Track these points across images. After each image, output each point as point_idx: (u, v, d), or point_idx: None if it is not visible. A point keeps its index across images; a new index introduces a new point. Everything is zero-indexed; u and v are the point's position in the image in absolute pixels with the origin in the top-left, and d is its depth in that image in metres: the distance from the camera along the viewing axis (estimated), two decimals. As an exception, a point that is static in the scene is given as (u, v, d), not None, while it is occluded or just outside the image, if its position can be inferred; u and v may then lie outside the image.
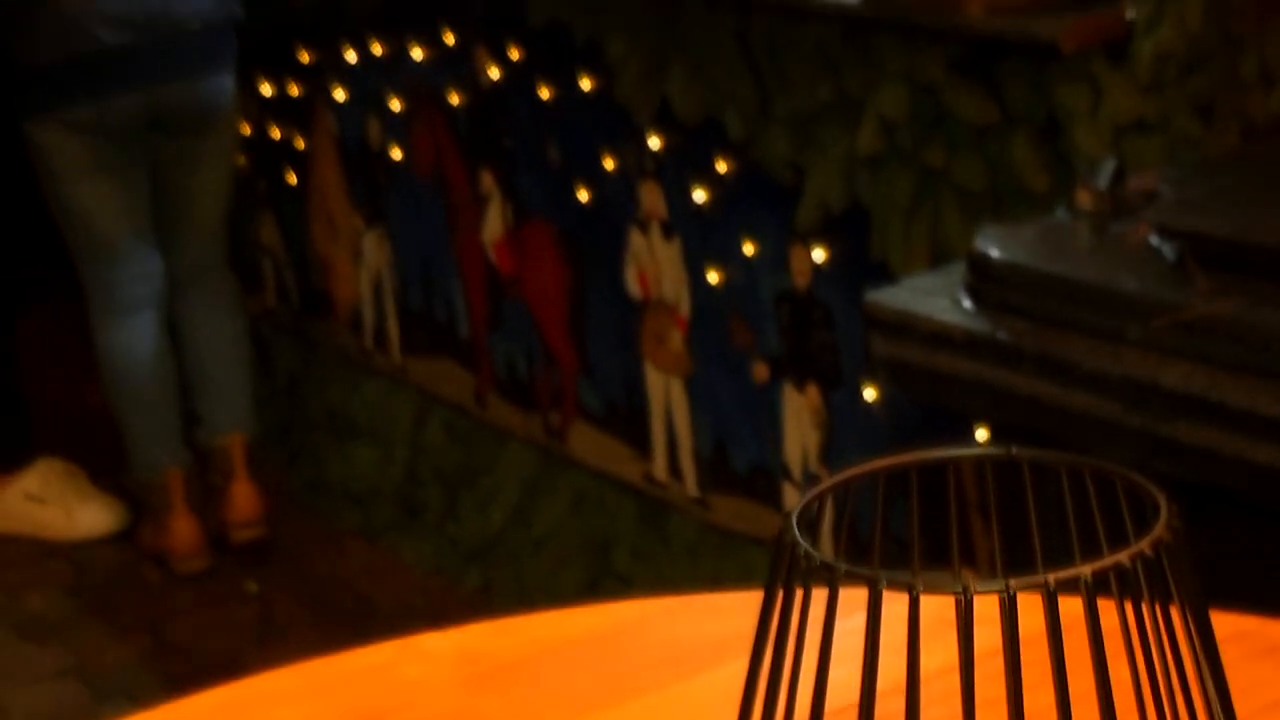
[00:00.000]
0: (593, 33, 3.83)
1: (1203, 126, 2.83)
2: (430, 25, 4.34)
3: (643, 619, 1.48)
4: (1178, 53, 2.80)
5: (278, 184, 5.11)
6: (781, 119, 3.45)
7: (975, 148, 3.08)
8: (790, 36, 3.40)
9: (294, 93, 4.93)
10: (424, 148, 4.52)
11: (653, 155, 3.80)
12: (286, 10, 4.79)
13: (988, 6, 3.00)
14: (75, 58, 4.16)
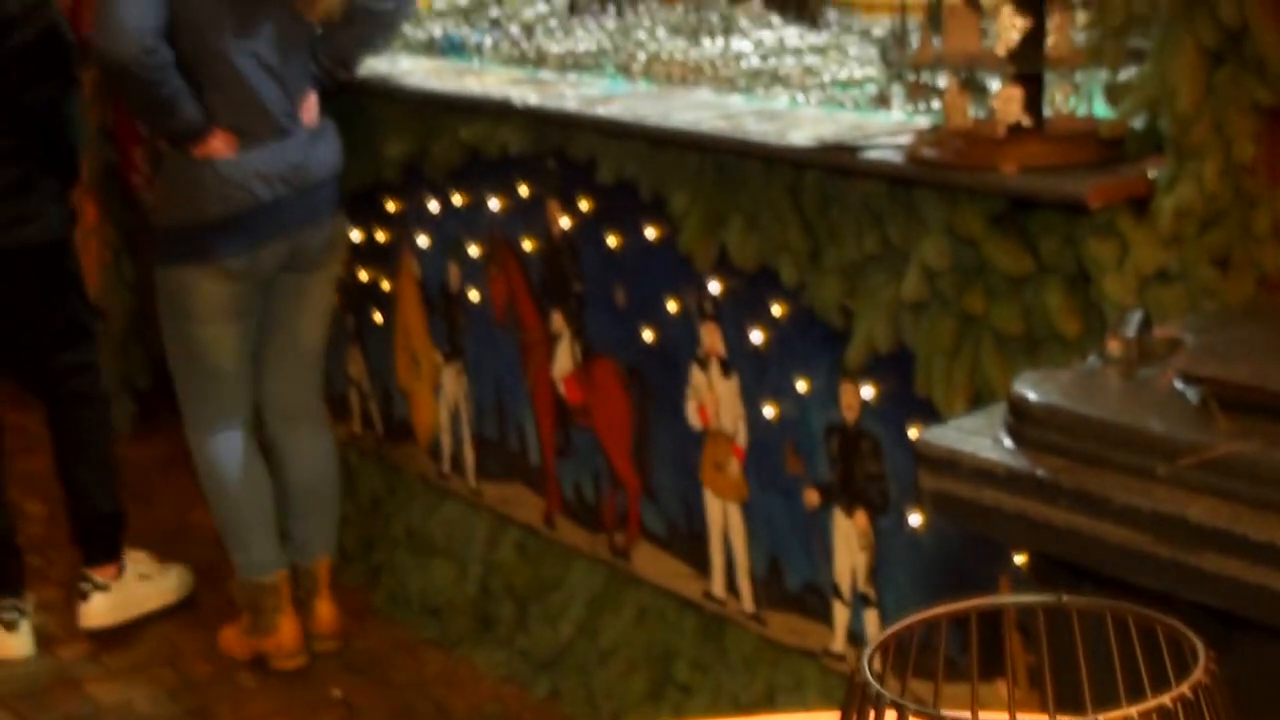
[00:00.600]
0: (658, 188, 3.86)
1: (1220, 277, 2.83)
2: (507, 179, 4.37)
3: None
4: (1196, 210, 2.81)
5: (365, 322, 5.13)
6: (831, 267, 3.47)
7: (1012, 295, 3.10)
8: (839, 192, 3.43)
9: (381, 239, 4.95)
10: (499, 290, 4.54)
11: (712, 299, 3.82)
12: (376, 165, 4.83)
13: (1021, 166, 3.04)
14: (234, 212, 4.24)
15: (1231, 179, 2.81)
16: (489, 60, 4.80)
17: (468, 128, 4.41)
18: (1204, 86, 2.80)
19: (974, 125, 3.14)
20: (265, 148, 4.25)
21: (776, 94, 3.97)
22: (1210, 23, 2.77)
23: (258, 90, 4.23)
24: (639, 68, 4.33)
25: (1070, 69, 3.12)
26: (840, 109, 3.76)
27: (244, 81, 4.20)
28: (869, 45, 4.25)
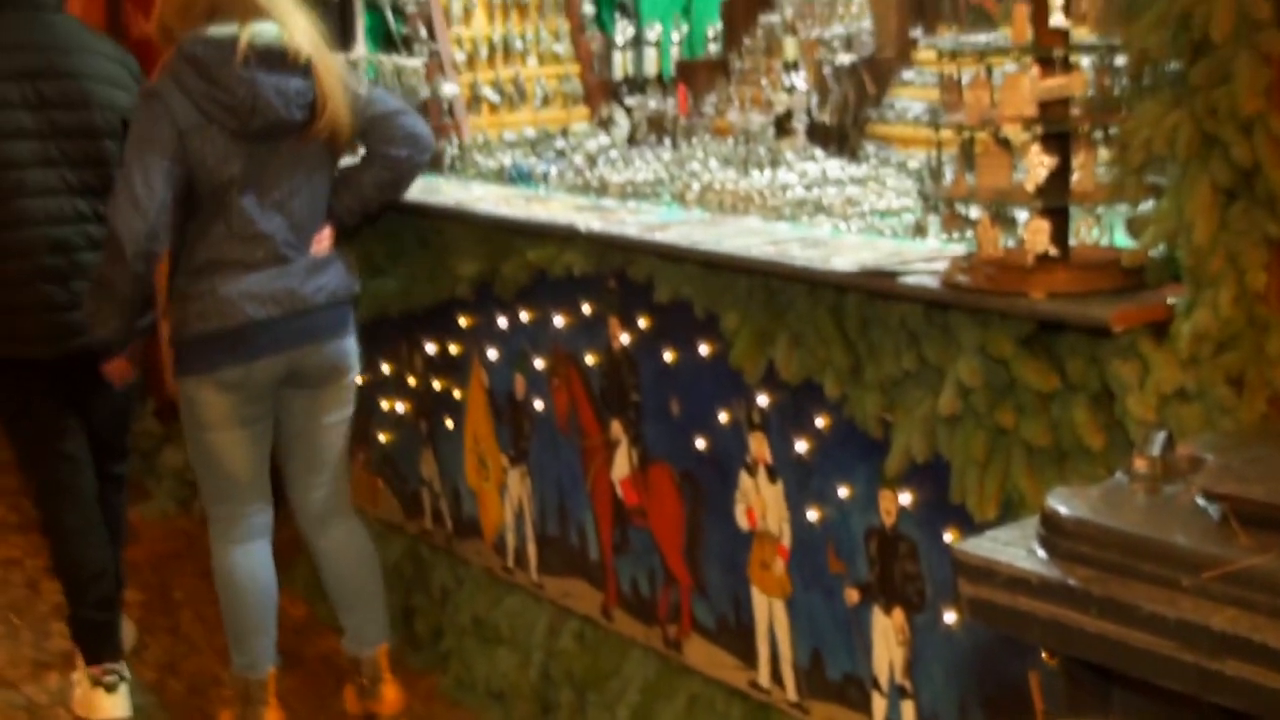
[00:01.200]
0: (711, 307, 3.88)
1: (1235, 396, 2.82)
2: (571, 298, 4.39)
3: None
4: (1212, 334, 2.80)
5: (437, 427, 5.15)
6: (871, 382, 3.46)
7: (1040, 411, 3.10)
8: (879, 313, 3.43)
9: (454, 351, 4.97)
10: (562, 400, 4.56)
11: (760, 410, 3.83)
12: (451, 283, 4.86)
13: (1049, 292, 3.04)
14: (229, 328, 4.27)
15: (1245, 306, 2.80)
16: (555, 188, 4.85)
17: (535, 250, 4.43)
18: (1219, 221, 2.80)
19: (1004, 254, 3.15)
20: (262, 273, 4.28)
21: (820, 222, 4.00)
22: (1224, 162, 2.78)
23: (259, 222, 4.26)
24: (693, 196, 4.36)
25: (1094, 203, 3.14)
26: (880, 236, 3.79)
27: (246, 214, 4.24)
28: (905, 177, 4.27)
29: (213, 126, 4.15)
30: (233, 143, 4.17)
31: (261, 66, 4.14)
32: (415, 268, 5.02)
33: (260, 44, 4.14)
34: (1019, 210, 3.17)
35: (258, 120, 4.16)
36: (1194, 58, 2.78)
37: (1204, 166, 2.79)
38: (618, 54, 5.45)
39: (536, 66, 5.52)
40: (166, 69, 4.16)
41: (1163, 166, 2.91)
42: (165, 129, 4.12)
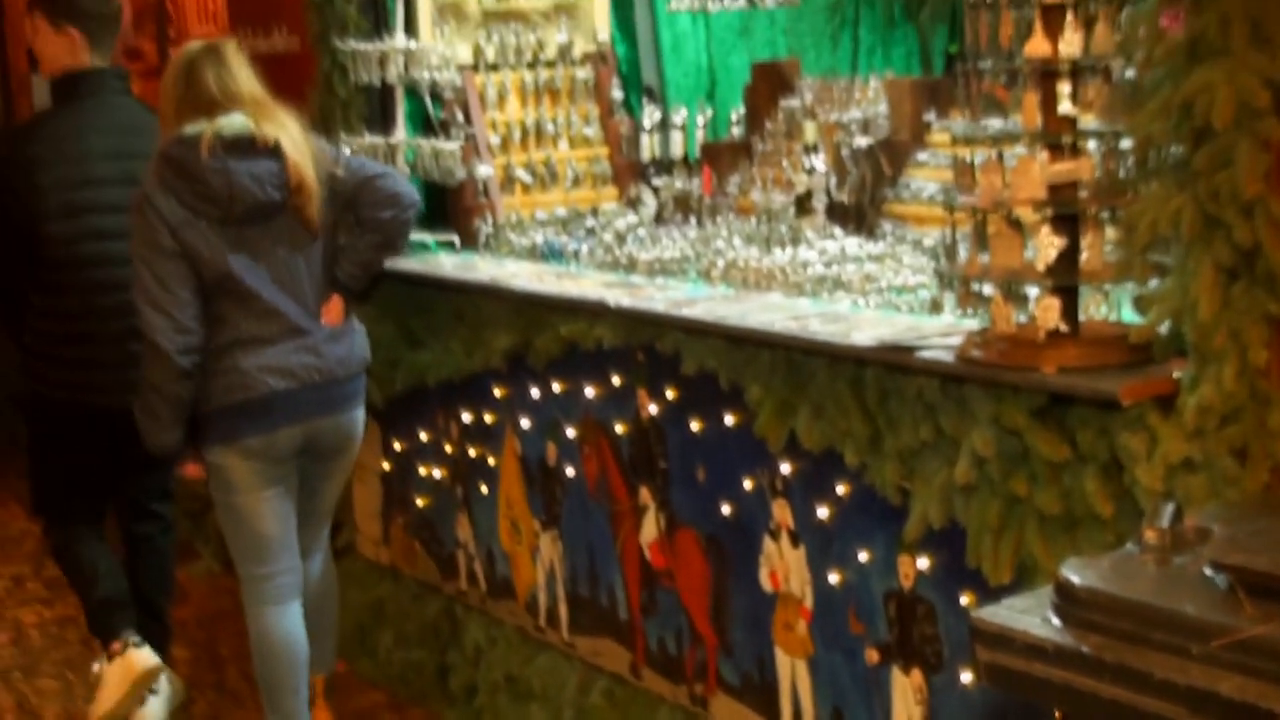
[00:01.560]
0: (735, 379, 3.88)
1: (1239, 467, 2.81)
2: (601, 370, 4.40)
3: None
4: (1216, 407, 2.80)
5: (472, 492, 5.14)
6: (890, 452, 3.47)
7: (1052, 480, 3.10)
8: (897, 386, 3.44)
9: (489, 420, 4.98)
10: (592, 467, 4.55)
11: (783, 478, 3.83)
12: (486, 355, 4.87)
13: (1060, 367, 3.05)
14: (252, 400, 4.32)
15: (1247, 380, 2.81)
16: (585, 265, 4.85)
17: (567, 324, 4.45)
18: (1221, 299, 2.81)
19: (1017, 329, 3.16)
20: (280, 346, 4.34)
21: (839, 298, 4.01)
22: (1226, 244, 2.79)
23: (268, 300, 4.32)
24: (718, 273, 4.38)
25: (1102, 281, 3.15)
26: (897, 312, 3.80)
27: (258, 296, 4.30)
28: (921, 254, 4.28)
29: (200, 220, 4.23)
30: (222, 231, 4.25)
31: (232, 155, 4.22)
32: (452, 340, 5.04)
33: (229, 134, 4.23)
34: (1030, 288, 3.18)
35: (238, 206, 4.23)
36: (1196, 144, 2.80)
37: (1207, 247, 2.80)
38: (645, 137, 5.47)
39: (567, 149, 5.54)
40: (151, 172, 4.27)
41: (1167, 247, 2.93)
42: (160, 231, 4.20)
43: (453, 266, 5.09)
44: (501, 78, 5.53)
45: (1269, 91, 2.72)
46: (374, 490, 5.67)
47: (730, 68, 6.06)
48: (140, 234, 4.24)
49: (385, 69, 5.32)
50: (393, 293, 5.28)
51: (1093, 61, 3.10)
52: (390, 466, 5.55)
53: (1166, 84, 2.83)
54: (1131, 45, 2.97)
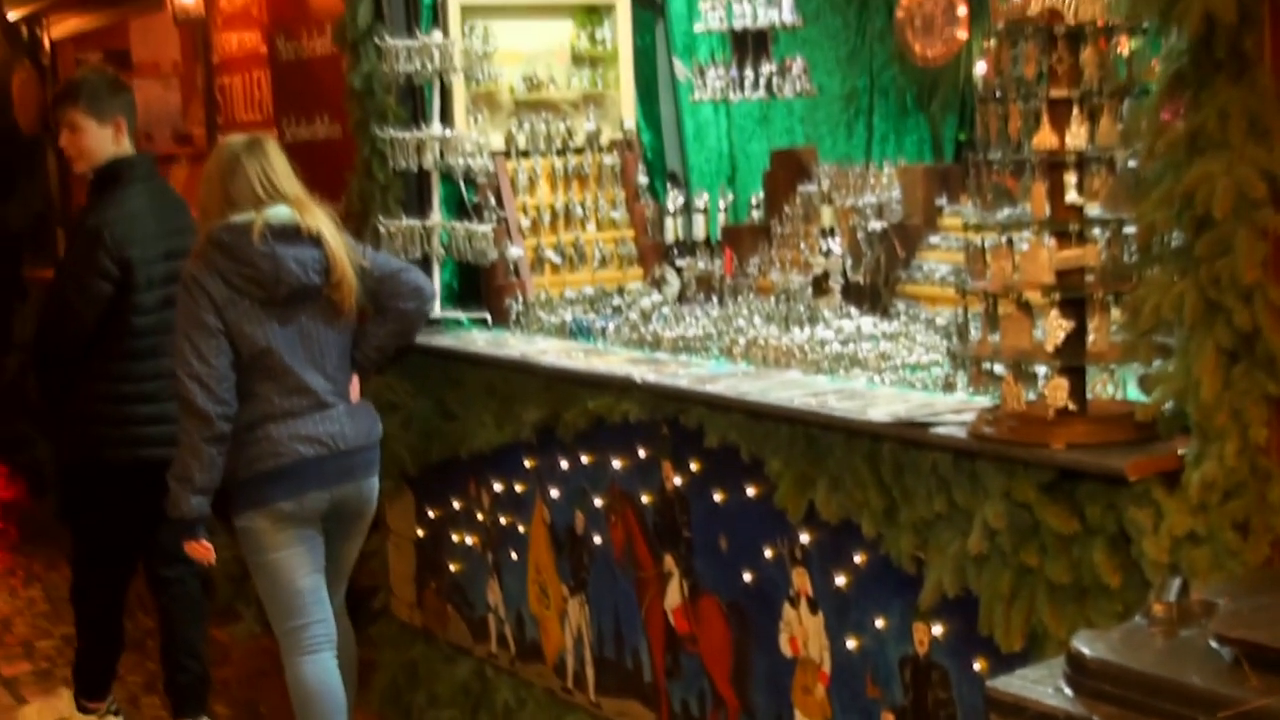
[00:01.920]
0: (756, 452, 3.89)
1: (1241, 540, 2.81)
2: (627, 442, 4.40)
3: None
4: (1219, 483, 2.81)
5: (503, 559, 5.13)
6: (905, 523, 3.47)
7: (1061, 552, 3.09)
8: (911, 460, 3.44)
9: (519, 489, 4.98)
10: (619, 535, 4.55)
11: (802, 547, 3.82)
12: (516, 428, 4.86)
13: (1068, 443, 3.06)
14: (282, 467, 4.46)
15: (1248, 457, 2.82)
16: (612, 342, 4.86)
17: (595, 399, 4.45)
18: (1223, 380, 2.82)
19: (1027, 407, 3.17)
20: (309, 419, 4.49)
21: (856, 375, 4.02)
22: (1227, 327, 2.81)
23: (300, 376, 4.48)
24: (739, 351, 4.38)
25: (1108, 362, 3.17)
26: (911, 389, 3.80)
27: (291, 372, 4.47)
28: (934, 333, 4.29)
29: (244, 299, 4.39)
30: (263, 310, 4.42)
31: (279, 241, 4.40)
32: (484, 413, 5.05)
33: (276, 223, 4.41)
34: (1040, 367, 3.19)
35: (283, 288, 4.40)
36: (1197, 232, 2.82)
37: (1208, 330, 2.82)
38: (669, 219, 5.49)
39: (595, 231, 5.57)
40: (198, 257, 4.43)
41: (1170, 330, 2.94)
42: (206, 308, 4.37)
43: (485, 343, 5.11)
44: (532, 163, 5.57)
45: (1266, 183, 2.75)
46: (408, 556, 5.67)
47: (750, 154, 6.08)
48: (185, 310, 4.39)
49: (422, 155, 5.35)
50: (428, 367, 5.31)
51: (1097, 153, 3.12)
52: (424, 533, 5.55)
53: (1168, 175, 2.86)
54: (1134, 137, 3.00)
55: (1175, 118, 2.86)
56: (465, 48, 5.35)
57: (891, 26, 6.32)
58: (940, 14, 6.25)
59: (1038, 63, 3.13)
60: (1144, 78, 3.13)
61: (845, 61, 6.33)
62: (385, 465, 5.47)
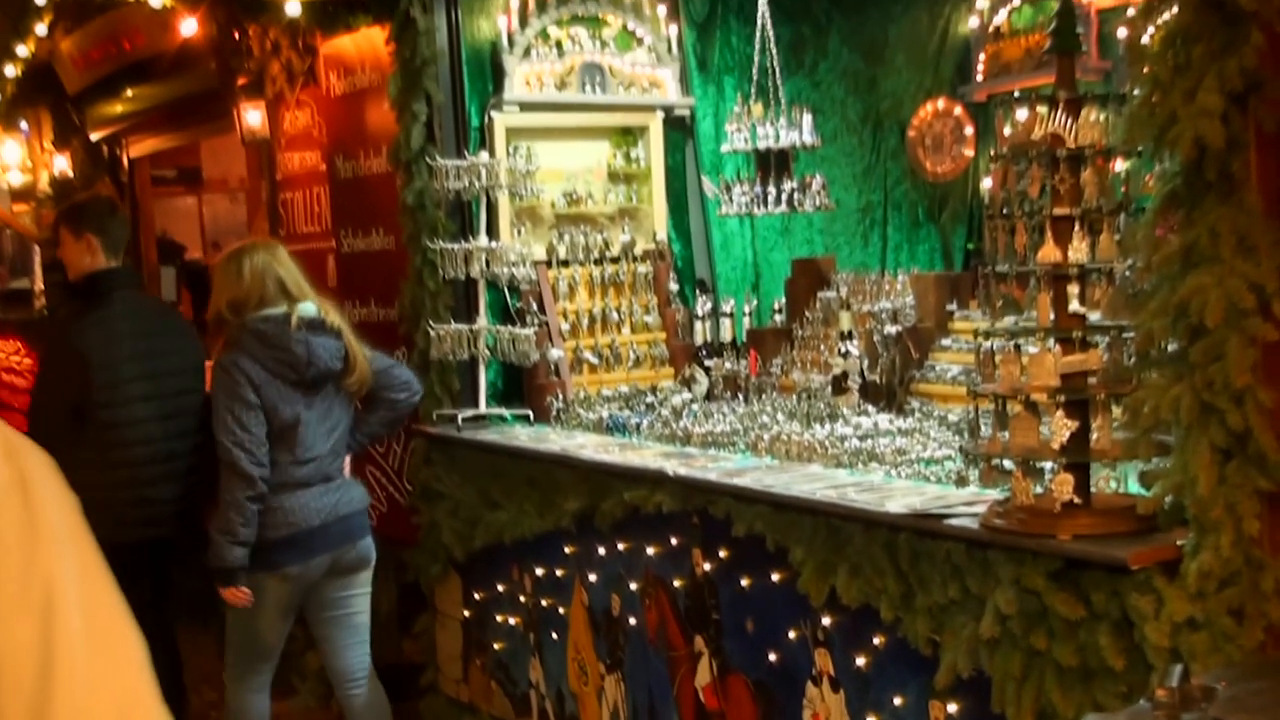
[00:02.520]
0: (780, 541, 3.89)
1: (1236, 625, 2.81)
2: (660, 531, 4.40)
3: None
4: (1215, 572, 2.81)
5: (544, 638, 5.11)
6: (921, 608, 3.46)
7: (1069, 636, 3.08)
8: (927, 549, 3.44)
9: (559, 574, 4.97)
10: (653, 617, 4.54)
11: (824, 629, 3.81)
12: (557, 517, 4.85)
13: (1074, 535, 3.07)
14: (295, 535, 4.63)
15: (1242, 548, 2.82)
16: (646, 437, 4.88)
17: (630, 491, 4.46)
18: (1218, 476, 2.83)
19: (1035, 500, 3.18)
20: (315, 489, 4.67)
21: (873, 469, 4.03)
22: (1221, 428, 2.82)
23: (315, 450, 4.67)
24: (764, 445, 4.40)
25: (1111, 459, 3.17)
26: (926, 482, 3.81)
27: (306, 444, 4.65)
28: (946, 429, 4.30)
29: (277, 380, 4.59)
30: (293, 390, 4.62)
31: (310, 331, 4.64)
32: (526, 503, 5.06)
33: (305, 317, 4.66)
34: (1046, 464, 3.21)
35: (312, 370, 4.61)
36: (1192, 339, 2.84)
37: (1204, 431, 2.83)
38: (698, 323, 5.53)
39: (629, 334, 5.61)
40: (235, 344, 4.62)
41: (1168, 429, 2.95)
42: (245, 387, 4.57)
43: (527, 437, 5.14)
44: (572, 272, 5.62)
45: (1254, 294, 2.77)
46: (455, 635, 5.67)
47: (773, 263, 6.13)
48: (225, 388, 4.60)
49: (470, 265, 5.40)
50: (474, 460, 5.33)
51: (1098, 265, 3.15)
52: (470, 614, 5.55)
53: (1164, 286, 2.89)
54: (1132, 252, 3.04)
55: (1170, 233, 2.89)
56: (510, 167, 5.41)
57: (903, 145, 6.41)
58: (949, 134, 6.32)
59: (1042, 182, 3.17)
60: (1140, 193, 3.18)
61: (861, 177, 6.39)
62: (433, 551, 5.52)
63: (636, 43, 5.80)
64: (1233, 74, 2.75)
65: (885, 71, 6.43)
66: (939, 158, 6.34)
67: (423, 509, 5.57)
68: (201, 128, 8.36)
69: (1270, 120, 2.79)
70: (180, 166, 9.51)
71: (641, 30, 5.80)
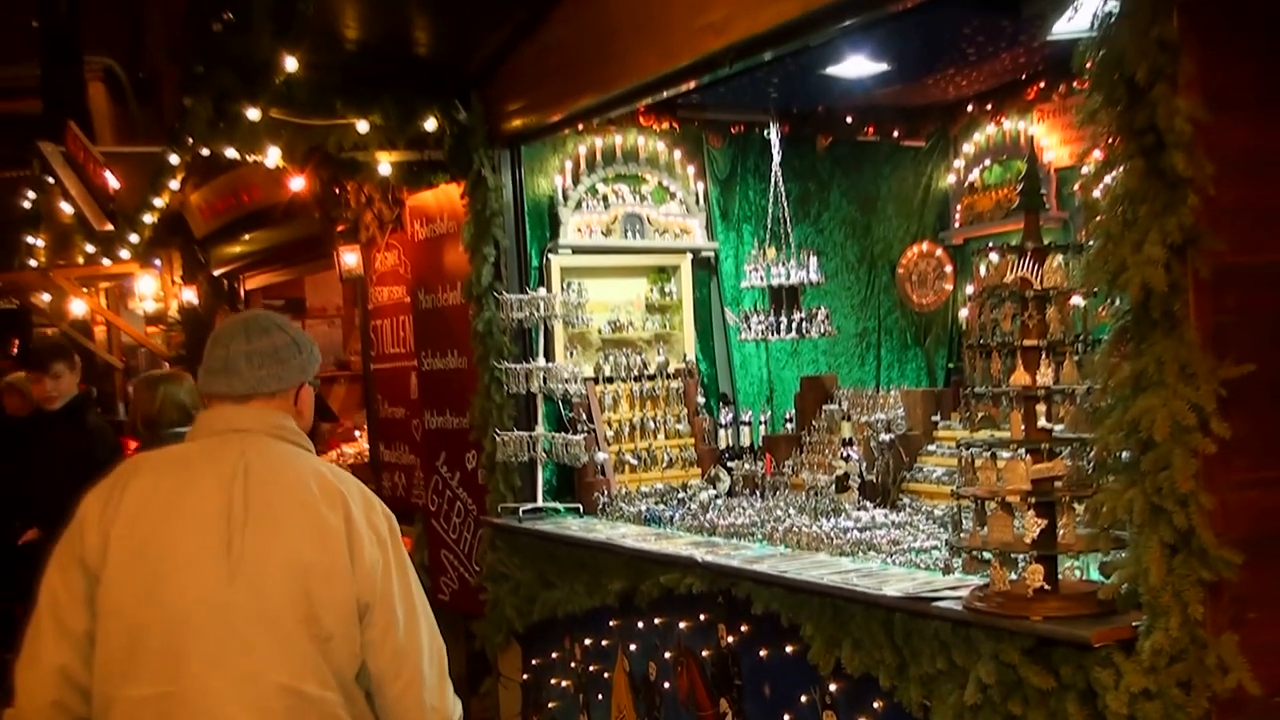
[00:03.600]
0: (793, 618, 3.87)
1: (1185, 695, 2.78)
2: (691, 609, 4.36)
3: None
4: (1166, 649, 2.79)
5: (590, 699, 5.06)
6: (914, 677, 3.43)
7: (1041, 703, 3.05)
8: (918, 627, 3.41)
9: (604, 644, 4.92)
10: (684, 683, 4.50)
11: (831, 694, 3.79)
12: (602, 596, 4.83)
13: (1045, 616, 3.04)
14: None
15: (1189, 629, 2.80)
16: (678, 528, 4.86)
17: (665, 575, 4.44)
18: (1166, 568, 2.81)
19: (1011, 586, 3.16)
20: None
21: (871, 557, 4.01)
22: (1169, 526, 2.80)
23: None
24: (778, 536, 4.38)
25: (1075, 552, 3.16)
26: (917, 569, 3.78)
27: None
28: (933, 523, 4.27)
29: None
30: None
31: None
32: (576, 584, 5.04)
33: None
34: (1019, 555, 3.19)
35: None
36: (1143, 450, 2.84)
37: (1154, 529, 2.82)
38: (721, 431, 5.53)
39: (664, 440, 5.60)
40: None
41: (1124, 526, 2.94)
42: None
43: (578, 528, 5.13)
44: (615, 388, 5.64)
45: (1195, 414, 2.77)
46: (515, 695, 5.62)
47: (784, 380, 6.14)
48: None
49: (529, 382, 5.43)
50: (532, 546, 5.32)
51: (1062, 388, 3.16)
52: (528, 677, 5.51)
53: (1118, 406, 2.88)
54: (1090, 376, 3.04)
55: (1122, 361, 2.90)
56: (564, 300, 5.46)
57: (894, 281, 6.44)
58: (931, 271, 6.36)
59: (1013, 317, 3.18)
60: (1096, 326, 3.19)
61: (858, 308, 6.41)
62: (497, 623, 5.50)
63: (670, 197, 5.86)
64: (1173, 229, 2.77)
65: (878, 220, 6.48)
66: (923, 291, 6.37)
67: (489, 587, 5.54)
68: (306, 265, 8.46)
69: (1205, 268, 2.81)
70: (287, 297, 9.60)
71: (674, 186, 5.87)
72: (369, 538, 2.66)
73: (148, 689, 2.54)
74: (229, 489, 2.63)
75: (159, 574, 2.57)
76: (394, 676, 2.67)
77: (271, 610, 2.58)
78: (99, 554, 2.59)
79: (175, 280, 10.26)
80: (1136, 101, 2.79)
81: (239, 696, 2.54)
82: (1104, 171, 2.91)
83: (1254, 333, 2.87)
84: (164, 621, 2.55)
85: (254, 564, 2.58)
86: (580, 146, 5.66)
